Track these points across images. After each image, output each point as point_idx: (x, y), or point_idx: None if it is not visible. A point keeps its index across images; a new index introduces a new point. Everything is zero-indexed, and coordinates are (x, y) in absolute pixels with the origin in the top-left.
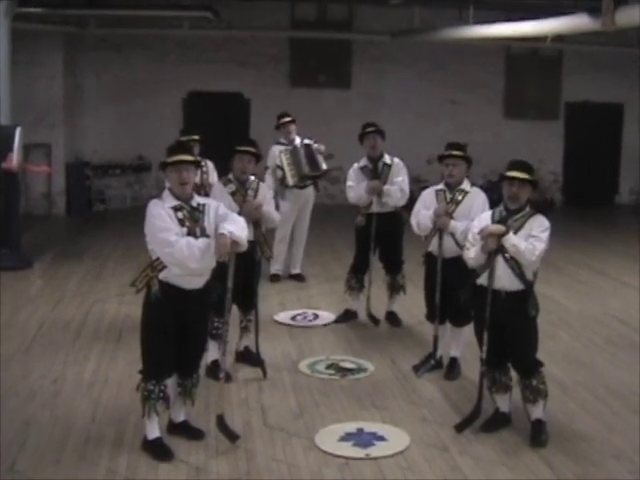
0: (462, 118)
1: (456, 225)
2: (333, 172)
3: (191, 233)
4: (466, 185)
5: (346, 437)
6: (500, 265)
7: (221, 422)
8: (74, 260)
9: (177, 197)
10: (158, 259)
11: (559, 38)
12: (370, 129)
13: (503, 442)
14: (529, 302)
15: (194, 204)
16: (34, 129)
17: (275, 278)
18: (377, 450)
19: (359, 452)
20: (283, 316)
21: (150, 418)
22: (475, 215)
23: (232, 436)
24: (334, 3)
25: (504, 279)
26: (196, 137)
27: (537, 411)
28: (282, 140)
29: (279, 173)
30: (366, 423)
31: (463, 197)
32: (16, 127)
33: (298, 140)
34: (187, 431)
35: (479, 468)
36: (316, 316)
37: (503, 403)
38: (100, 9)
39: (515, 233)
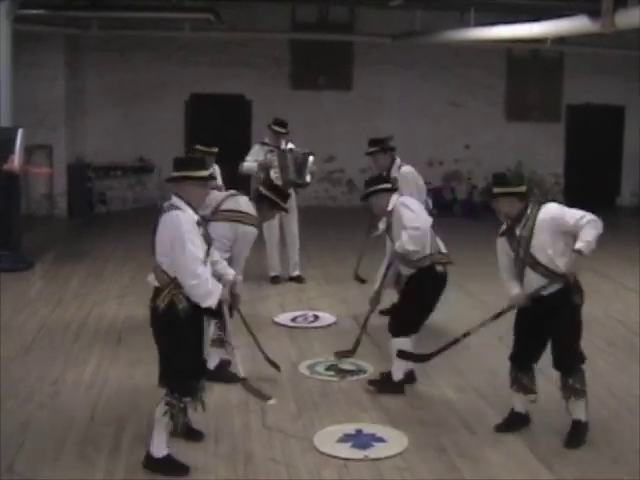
0: (463, 120)
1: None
2: (334, 174)
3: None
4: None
5: (345, 438)
6: (530, 276)
7: (247, 385)
8: (75, 261)
9: (194, 209)
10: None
11: (560, 40)
12: (369, 150)
13: (502, 444)
14: (572, 291)
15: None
16: (36, 130)
17: (275, 280)
18: (376, 451)
19: (358, 453)
20: (283, 317)
21: (166, 434)
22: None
23: (263, 396)
24: (335, 5)
25: (538, 283)
26: (215, 150)
27: (577, 410)
28: (267, 141)
29: (261, 174)
30: (365, 424)
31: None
32: (18, 129)
33: (283, 145)
34: (188, 433)
35: (477, 470)
36: (316, 317)
37: (520, 404)
38: (102, 11)
39: (531, 237)
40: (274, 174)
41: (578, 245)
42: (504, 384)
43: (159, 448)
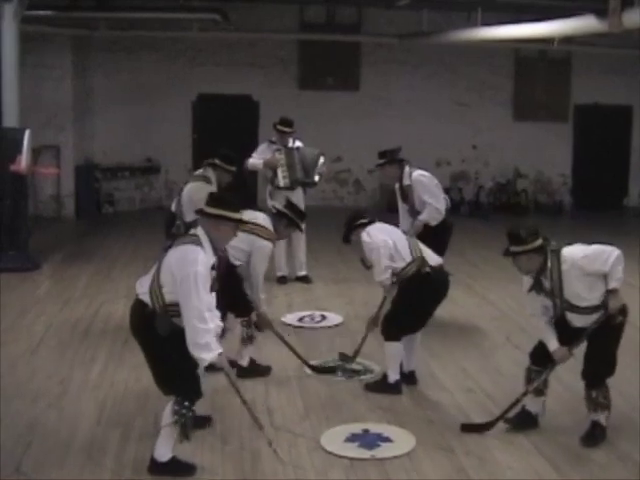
0: (471, 120)
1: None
2: (341, 174)
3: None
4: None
5: (352, 438)
6: (572, 316)
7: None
8: (82, 262)
9: (214, 249)
10: (172, 304)
11: (567, 40)
12: (377, 162)
13: (509, 444)
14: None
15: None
16: (43, 131)
17: (282, 280)
18: (382, 451)
19: (364, 453)
20: (290, 317)
21: (173, 441)
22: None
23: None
24: (343, 6)
25: (581, 323)
26: (234, 169)
27: (596, 415)
28: (274, 140)
29: (269, 173)
30: (372, 424)
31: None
32: (25, 129)
33: (290, 143)
34: (197, 422)
35: (485, 470)
36: (323, 317)
37: (532, 403)
38: (109, 12)
39: (561, 288)
40: (282, 173)
41: (613, 285)
42: (512, 384)
43: (164, 453)
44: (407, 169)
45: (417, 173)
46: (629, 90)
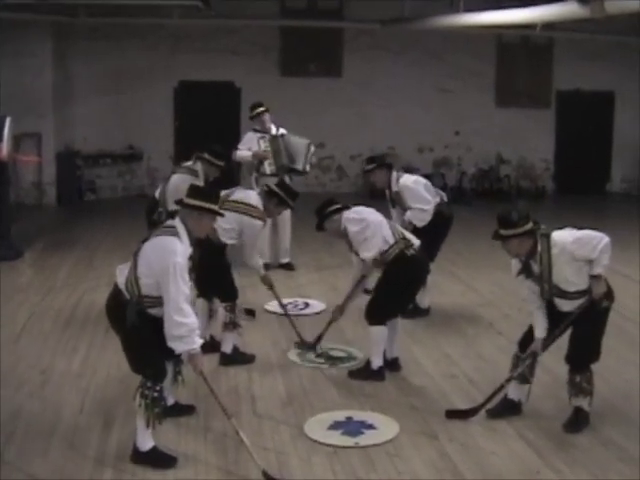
0: (453, 106)
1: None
2: (324, 161)
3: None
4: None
5: (335, 425)
6: (560, 302)
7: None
8: (65, 250)
9: (191, 239)
10: (149, 296)
11: (550, 26)
12: (366, 168)
13: (493, 430)
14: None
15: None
16: (24, 119)
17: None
18: (366, 438)
19: (348, 441)
20: (273, 305)
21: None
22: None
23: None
24: None
25: (569, 307)
26: (222, 164)
27: (578, 400)
28: (257, 127)
29: (255, 160)
30: (355, 412)
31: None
32: (5, 117)
33: (274, 129)
34: (179, 410)
35: (468, 456)
36: (306, 305)
37: (514, 391)
38: None
39: (550, 272)
40: (267, 160)
41: (597, 270)
42: (495, 370)
43: (144, 441)
44: (395, 175)
45: (404, 179)
46: (611, 76)
